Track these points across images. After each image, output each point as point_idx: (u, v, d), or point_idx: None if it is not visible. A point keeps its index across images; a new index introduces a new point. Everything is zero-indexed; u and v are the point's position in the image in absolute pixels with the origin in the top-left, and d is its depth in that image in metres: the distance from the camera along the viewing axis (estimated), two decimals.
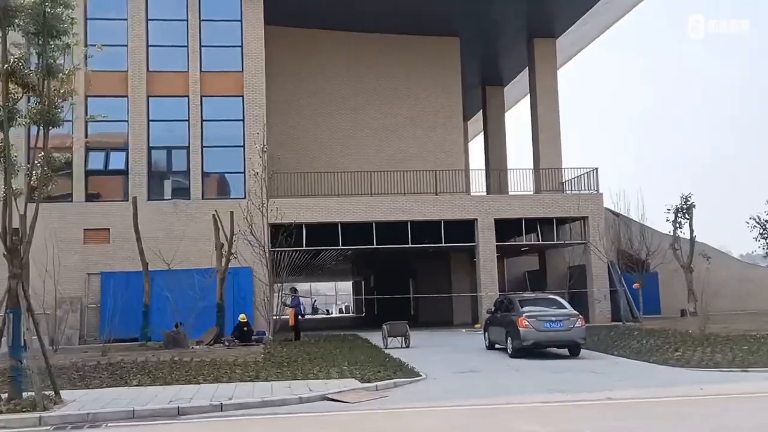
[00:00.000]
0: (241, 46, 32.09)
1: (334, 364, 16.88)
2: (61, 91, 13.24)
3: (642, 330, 24.09)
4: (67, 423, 11.18)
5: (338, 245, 32.30)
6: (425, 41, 37.93)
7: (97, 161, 31.38)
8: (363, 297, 74.36)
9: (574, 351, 19.14)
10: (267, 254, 25.32)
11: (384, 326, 23.53)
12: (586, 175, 34.62)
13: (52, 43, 12.81)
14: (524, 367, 17.04)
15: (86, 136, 31.07)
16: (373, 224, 32.18)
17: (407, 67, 37.94)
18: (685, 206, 29.34)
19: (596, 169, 34.03)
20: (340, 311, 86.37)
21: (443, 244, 32.82)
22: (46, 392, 12.32)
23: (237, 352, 20.11)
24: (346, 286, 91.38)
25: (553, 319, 18.76)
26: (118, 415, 11.44)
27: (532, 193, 34.59)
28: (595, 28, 40.26)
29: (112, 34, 31.44)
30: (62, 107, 13.38)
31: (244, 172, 31.76)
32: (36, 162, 13.64)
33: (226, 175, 32.58)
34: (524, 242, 34.59)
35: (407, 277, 50.76)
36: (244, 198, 31.48)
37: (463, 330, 31.35)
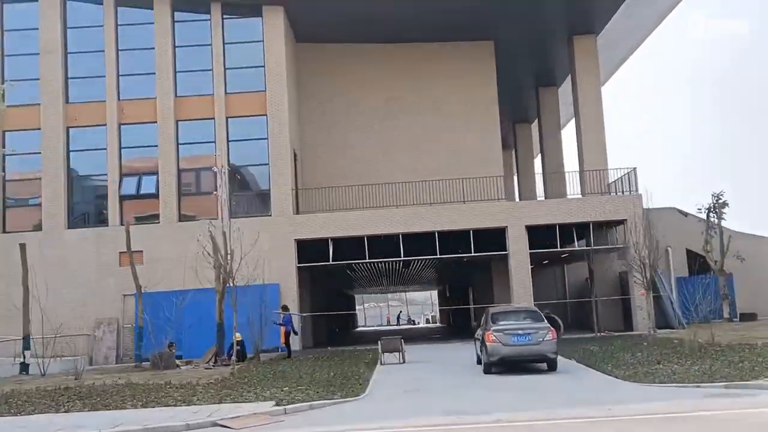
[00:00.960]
0: (264, 66, 32.63)
1: (282, 386, 16.69)
2: None
3: (651, 339, 22.71)
4: None
5: (365, 259, 32.19)
6: (457, 48, 37.23)
7: (130, 186, 32.57)
8: (442, 307, 74.39)
9: (550, 365, 18.18)
10: (227, 272, 25.05)
11: (379, 342, 23.18)
12: (627, 176, 33.00)
13: None
14: (473, 385, 16.39)
15: (120, 161, 32.49)
16: (400, 236, 31.86)
17: (440, 75, 37.29)
18: (716, 204, 27.31)
19: (634, 169, 32.40)
20: (427, 321, 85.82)
21: (474, 254, 32.09)
22: None
23: (211, 372, 20.32)
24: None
25: (521, 332, 17.88)
26: None
27: (564, 198, 33.31)
28: (641, 26, 38.33)
29: (142, 64, 32.78)
30: None
31: (270, 190, 32.26)
32: None
33: (253, 193, 33.06)
34: (558, 249, 33.04)
35: (468, 287, 50.07)
36: (271, 215, 32.14)
37: None
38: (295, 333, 25.95)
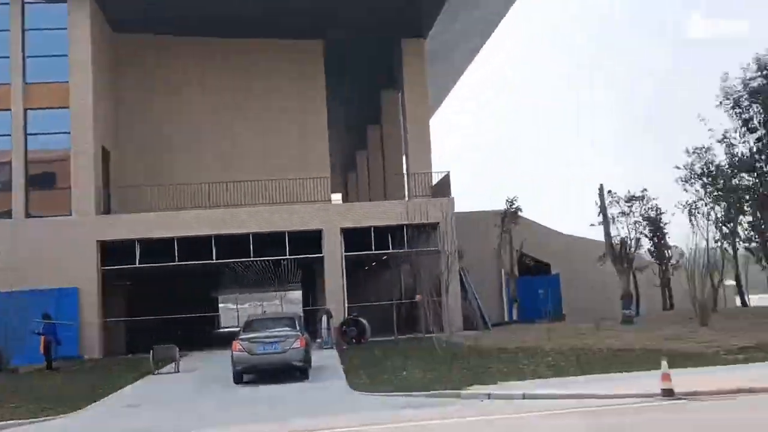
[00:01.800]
0: (68, 56, 30.67)
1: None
2: None
3: (426, 344, 22.77)
4: None
5: (175, 261, 30.75)
6: (285, 45, 36.26)
7: None
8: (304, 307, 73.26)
9: (302, 373, 17.57)
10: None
11: (151, 350, 21.88)
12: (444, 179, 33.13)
13: None
14: (209, 397, 15.93)
15: None
16: (212, 237, 30.65)
17: (267, 72, 36.06)
18: (509, 210, 27.69)
19: (448, 173, 32.57)
20: None
21: (288, 257, 31.33)
22: None
23: None
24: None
25: (268, 341, 17.17)
26: None
27: (379, 201, 33.14)
28: (475, 30, 38.59)
29: None
30: None
31: (71, 187, 30.32)
32: None
33: (52, 189, 31.00)
34: (373, 251, 32.64)
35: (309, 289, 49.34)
36: (71, 215, 30.23)
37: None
38: (58, 343, 24.26)
